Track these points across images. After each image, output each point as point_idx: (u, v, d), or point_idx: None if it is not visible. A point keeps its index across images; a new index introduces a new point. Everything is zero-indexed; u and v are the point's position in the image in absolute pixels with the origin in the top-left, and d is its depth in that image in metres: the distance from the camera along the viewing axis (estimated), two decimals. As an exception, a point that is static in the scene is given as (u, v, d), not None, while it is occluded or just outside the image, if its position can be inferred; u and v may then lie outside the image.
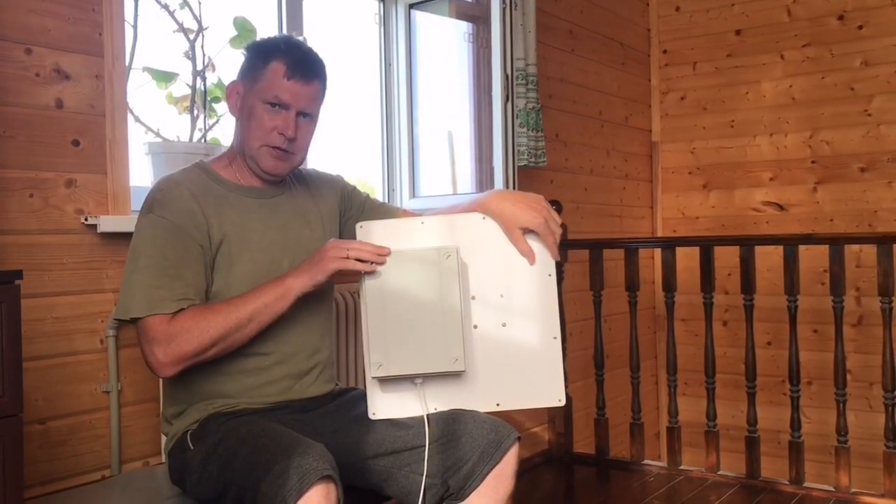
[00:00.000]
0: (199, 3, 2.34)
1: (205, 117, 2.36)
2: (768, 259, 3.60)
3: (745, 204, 4.30)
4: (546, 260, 1.71)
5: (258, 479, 1.41)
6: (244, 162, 1.75)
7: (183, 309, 1.57)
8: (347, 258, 1.59)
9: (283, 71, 1.67)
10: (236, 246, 1.68)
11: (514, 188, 3.03)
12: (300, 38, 1.83)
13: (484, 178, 3.29)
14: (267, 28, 2.59)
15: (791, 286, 3.03)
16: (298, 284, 1.61)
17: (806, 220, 4.12)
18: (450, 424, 1.60)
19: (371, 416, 1.65)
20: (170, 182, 1.69)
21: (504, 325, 1.67)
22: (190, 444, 1.64)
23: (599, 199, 4.05)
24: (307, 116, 1.72)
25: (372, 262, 1.60)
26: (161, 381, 1.91)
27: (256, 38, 1.80)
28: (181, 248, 1.61)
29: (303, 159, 1.79)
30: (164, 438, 1.79)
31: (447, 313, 1.60)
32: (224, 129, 2.42)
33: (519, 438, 1.62)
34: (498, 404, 1.67)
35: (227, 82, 1.91)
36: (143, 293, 1.57)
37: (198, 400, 1.68)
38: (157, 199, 1.65)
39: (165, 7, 2.30)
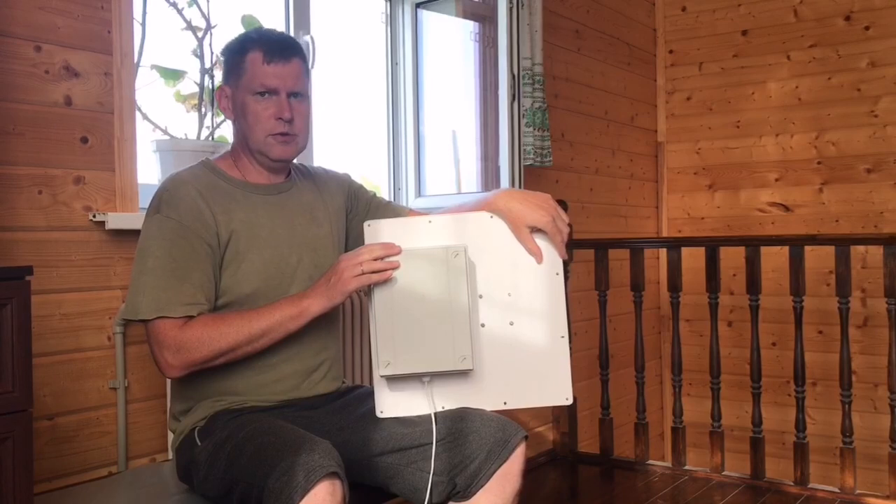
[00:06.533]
0: (208, 1, 2.34)
1: (212, 115, 2.36)
2: (774, 260, 3.59)
3: (750, 204, 4.30)
4: (554, 259, 1.71)
5: (265, 475, 1.42)
6: (250, 159, 1.75)
7: (192, 316, 1.58)
8: (363, 274, 1.58)
9: (261, 58, 1.68)
10: (244, 243, 1.68)
11: (520, 187, 3.03)
12: (272, 28, 1.84)
13: (490, 178, 3.29)
14: (274, 26, 2.59)
15: (796, 287, 3.03)
16: (316, 306, 1.60)
17: (812, 220, 4.11)
18: (457, 423, 1.60)
19: (379, 415, 1.66)
20: (176, 181, 1.69)
21: (511, 323, 1.68)
22: (197, 441, 1.64)
23: (605, 198, 4.05)
24: (298, 96, 1.73)
25: (387, 270, 1.59)
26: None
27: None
28: (189, 249, 1.61)
29: (306, 140, 1.79)
30: (171, 435, 1.79)
31: (455, 312, 1.60)
32: (231, 128, 2.42)
33: (526, 437, 1.62)
34: (505, 403, 1.67)
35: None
36: (151, 295, 1.57)
37: (205, 397, 1.69)
38: (164, 199, 1.65)
39: (174, 5, 2.31)
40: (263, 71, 1.68)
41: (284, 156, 1.73)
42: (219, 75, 2.38)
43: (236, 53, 1.72)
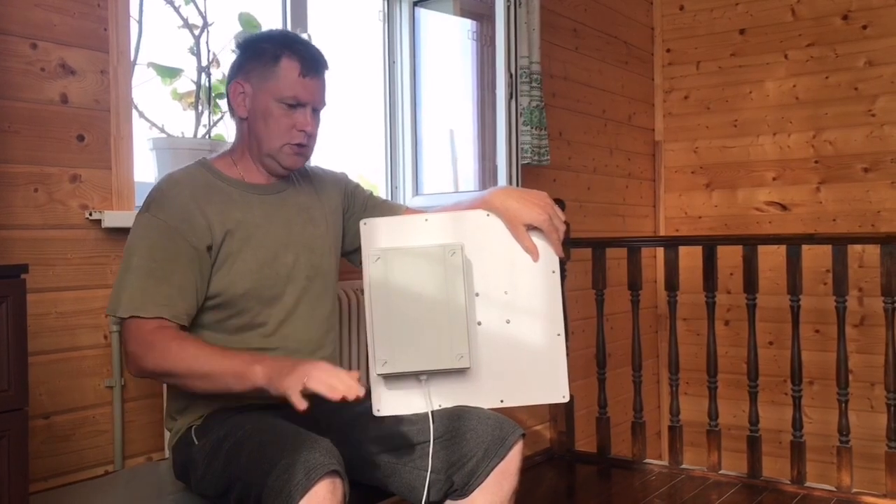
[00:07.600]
0: (204, -2, 2.34)
1: (209, 113, 2.36)
2: (771, 259, 3.59)
3: (747, 203, 4.30)
4: (550, 257, 1.71)
5: (264, 473, 1.41)
6: (255, 161, 1.74)
7: (164, 317, 1.56)
8: (320, 384, 1.42)
9: (298, 69, 1.67)
10: (238, 242, 1.67)
11: (517, 186, 3.03)
12: (296, 33, 1.83)
13: (487, 176, 3.29)
14: (272, 24, 2.59)
15: (793, 286, 3.03)
16: (261, 379, 1.48)
17: (809, 220, 4.12)
18: (454, 421, 1.60)
19: (376, 413, 1.65)
20: (170, 181, 1.69)
21: (508, 321, 1.68)
22: (194, 440, 1.64)
23: (602, 197, 4.05)
24: (317, 109, 1.74)
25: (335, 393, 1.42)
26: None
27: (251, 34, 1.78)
28: (172, 250, 1.60)
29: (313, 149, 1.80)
30: (167, 434, 1.79)
31: (452, 310, 1.60)
32: (228, 126, 2.42)
33: (523, 435, 1.62)
34: (502, 401, 1.67)
35: (231, 78, 1.91)
36: (129, 293, 1.57)
37: (202, 396, 1.68)
38: (154, 199, 1.65)
39: (170, 3, 2.30)
40: (298, 83, 1.67)
41: (296, 165, 1.75)
42: (216, 73, 2.38)
43: (268, 55, 1.68)
